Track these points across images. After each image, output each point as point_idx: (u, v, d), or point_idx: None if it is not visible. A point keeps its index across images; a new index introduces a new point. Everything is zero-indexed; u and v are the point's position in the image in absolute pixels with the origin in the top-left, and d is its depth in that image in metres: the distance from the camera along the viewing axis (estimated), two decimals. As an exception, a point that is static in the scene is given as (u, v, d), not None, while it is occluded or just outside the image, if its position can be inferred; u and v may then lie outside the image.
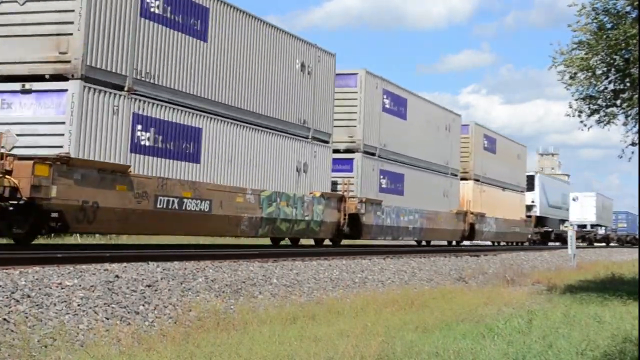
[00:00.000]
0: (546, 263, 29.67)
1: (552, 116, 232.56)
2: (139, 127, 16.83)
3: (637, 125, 15.45)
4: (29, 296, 9.11)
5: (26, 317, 8.54)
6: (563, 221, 62.79)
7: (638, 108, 15.11)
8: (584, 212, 69.78)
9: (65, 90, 15.18)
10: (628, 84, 15.06)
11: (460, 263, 23.43)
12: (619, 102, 15.45)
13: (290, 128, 22.99)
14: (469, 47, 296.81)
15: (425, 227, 32.63)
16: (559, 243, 58.88)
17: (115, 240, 27.59)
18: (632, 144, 15.69)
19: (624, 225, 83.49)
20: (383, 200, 28.35)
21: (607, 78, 15.26)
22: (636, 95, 14.92)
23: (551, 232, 58.30)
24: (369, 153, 27.63)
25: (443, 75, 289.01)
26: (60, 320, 8.75)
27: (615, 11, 14.56)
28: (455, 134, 36.98)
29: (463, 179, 38.49)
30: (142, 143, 16.93)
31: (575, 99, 15.60)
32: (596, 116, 15.65)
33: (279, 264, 15.69)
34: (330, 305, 11.85)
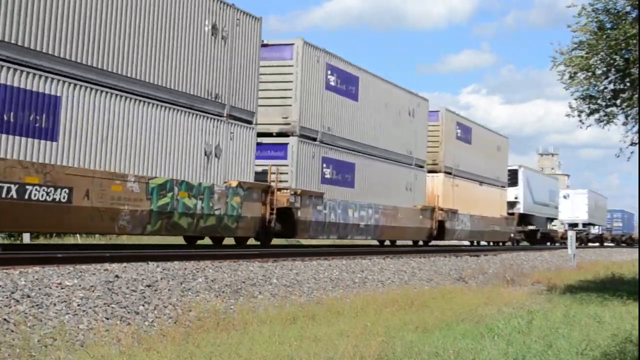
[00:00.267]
0: (546, 263, 29.69)
1: (552, 116, 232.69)
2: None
3: (637, 125, 15.47)
4: (29, 296, 9.11)
5: (26, 317, 8.54)
6: (551, 220, 59.52)
7: (638, 108, 15.12)
8: (575, 211, 66.61)
9: None
10: (628, 84, 15.07)
11: (460, 263, 23.44)
12: (618, 102, 15.46)
13: (195, 103, 18.76)
14: (469, 47, 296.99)
15: (382, 225, 28.47)
16: (549, 243, 56.54)
17: (115, 240, 27.60)
18: (632, 143, 15.71)
19: (620, 224, 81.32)
20: (326, 192, 24.38)
21: (607, 78, 15.27)
22: (636, 95, 14.92)
23: (537, 232, 53.99)
24: (307, 137, 23.64)
25: (443, 76, 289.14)
26: (60, 320, 8.75)
27: (615, 11, 14.56)
28: (420, 120, 32.75)
29: (432, 171, 34.56)
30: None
31: (574, 98, 15.63)
32: (596, 116, 15.68)
33: (278, 264, 15.70)
34: (330, 305, 11.85)
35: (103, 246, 21.39)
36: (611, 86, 15.39)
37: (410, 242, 34.67)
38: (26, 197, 13.97)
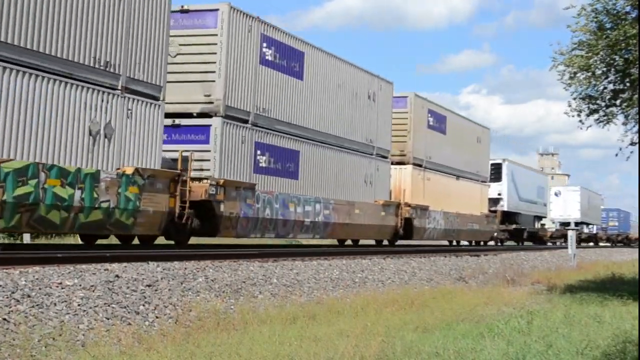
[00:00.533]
0: (546, 263, 29.72)
1: (553, 116, 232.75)
2: None
3: (637, 125, 15.48)
4: (29, 296, 9.12)
5: (26, 317, 8.54)
6: (539, 218, 56.38)
7: (638, 108, 15.13)
8: (567, 209, 62.94)
9: None
10: (628, 84, 15.08)
11: (460, 263, 23.47)
12: (618, 102, 15.47)
13: (76, 70, 15.13)
14: (469, 47, 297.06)
15: (334, 222, 24.77)
16: (537, 242, 54.10)
17: (115, 240, 27.58)
18: (632, 143, 15.72)
19: (615, 223, 78.43)
20: (259, 184, 21.03)
21: (607, 78, 15.28)
22: (636, 95, 14.93)
23: (523, 231, 50.52)
24: (235, 119, 20.22)
25: (443, 76, 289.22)
26: (60, 320, 8.76)
27: (615, 11, 14.57)
28: (384, 105, 29.14)
29: (399, 163, 31.26)
30: None
31: (574, 98, 15.65)
32: (595, 116, 15.69)
33: (279, 263, 15.71)
34: (330, 305, 11.86)
35: (103, 246, 21.39)
36: (611, 86, 15.41)
37: (374, 242, 31.65)
38: None
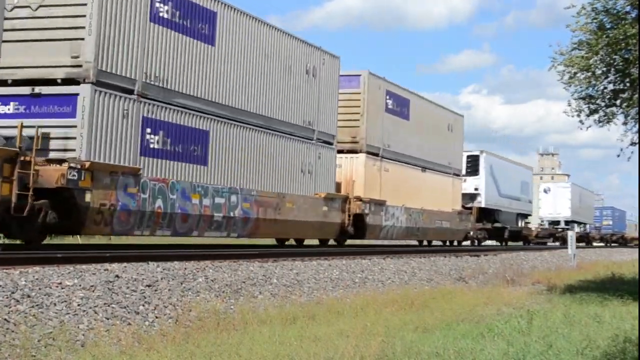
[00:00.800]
0: (546, 263, 29.73)
1: (553, 116, 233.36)
2: None
3: (637, 125, 15.48)
4: (29, 296, 9.11)
5: (26, 317, 8.54)
6: (524, 216, 51.69)
7: (638, 108, 15.13)
8: (557, 206, 59.71)
9: None
10: (628, 84, 15.08)
11: (460, 263, 23.47)
12: (618, 102, 15.47)
13: None
14: (469, 47, 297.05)
15: (257, 218, 20.57)
16: (522, 243, 50.59)
17: (115, 240, 27.59)
18: (632, 143, 15.71)
19: (609, 222, 75.47)
20: (147, 168, 16.94)
21: (607, 78, 15.28)
22: (636, 95, 14.93)
23: (505, 230, 46.07)
24: (113, 87, 16.14)
25: (443, 76, 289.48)
26: (60, 320, 8.76)
27: (615, 11, 14.57)
28: (328, 83, 24.79)
29: (350, 151, 27.17)
30: None
31: (574, 98, 15.64)
32: (595, 116, 15.68)
33: (279, 264, 15.70)
34: (330, 305, 11.86)
35: (103, 246, 21.38)
36: (611, 86, 15.40)
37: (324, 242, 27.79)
38: None
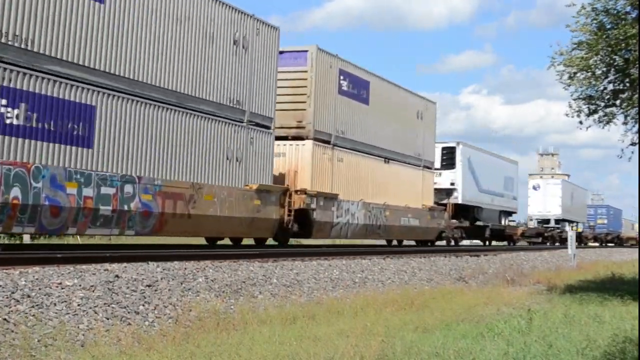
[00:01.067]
0: (546, 263, 29.73)
1: (553, 116, 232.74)
2: None
3: (637, 125, 15.48)
4: (29, 296, 9.12)
5: (26, 317, 8.54)
6: (508, 214, 48.38)
7: (638, 108, 15.12)
8: (546, 204, 56.25)
9: None
10: (628, 84, 15.08)
11: (460, 263, 23.46)
12: (618, 102, 15.46)
13: None
14: (470, 48, 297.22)
15: (161, 213, 17.15)
16: (507, 243, 48.05)
17: (115, 240, 27.60)
18: (632, 143, 15.71)
19: (604, 221, 72.53)
20: (4, 149, 13.61)
21: (607, 78, 15.28)
22: (636, 95, 14.93)
23: (485, 228, 42.69)
24: None
25: (444, 76, 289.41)
26: (60, 320, 8.76)
27: (615, 11, 14.57)
28: (263, 57, 21.54)
29: (296, 137, 23.98)
30: None
31: (574, 98, 15.64)
32: (595, 116, 15.68)
33: (279, 264, 15.70)
34: (330, 305, 11.86)
35: (103, 246, 21.38)
36: (611, 86, 15.40)
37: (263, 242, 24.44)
38: None
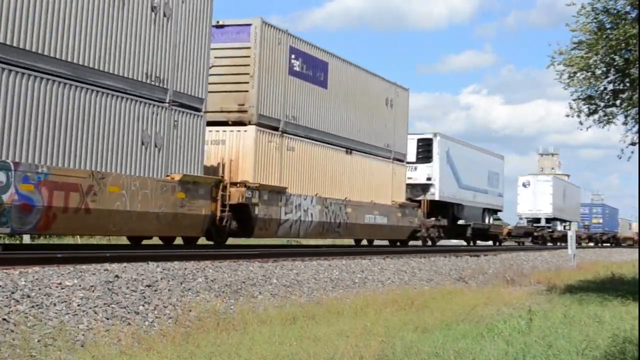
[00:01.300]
0: (546, 263, 29.74)
1: (553, 116, 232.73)
2: None
3: (637, 125, 15.47)
4: (29, 296, 9.11)
5: (26, 317, 8.54)
6: (493, 212, 45.80)
7: (638, 108, 15.12)
8: (537, 202, 54.16)
9: None
10: (628, 84, 15.07)
11: (460, 263, 23.46)
12: (618, 102, 15.46)
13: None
14: (470, 48, 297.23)
15: (48, 206, 14.08)
16: (492, 243, 45.79)
17: (115, 240, 27.60)
18: (632, 143, 15.71)
19: (599, 221, 70.41)
20: None
21: (607, 78, 15.27)
22: (636, 95, 14.92)
23: (467, 227, 40.01)
24: None
25: (444, 76, 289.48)
26: (60, 320, 8.75)
27: (615, 11, 14.56)
28: (191, 27, 18.49)
29: (237, 123, 21.04)
30: None
31: (573, 98, 15.64)
32: (595, 116, 15.67)
33: (279, 264, 15.70)
34: (330, 306, 11.85)
35: (103, 246, 21.38)
36: (611, 86, 15.40)
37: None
38: None
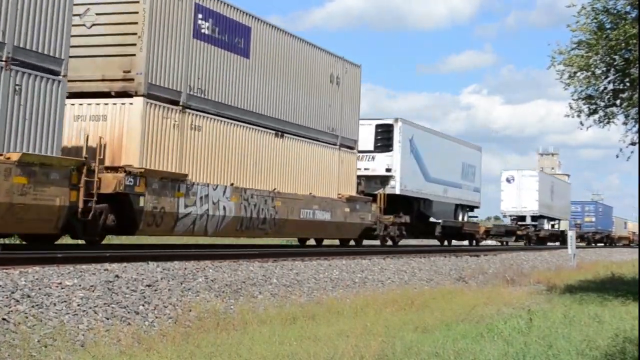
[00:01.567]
0: (546, 263, 29.72)
1: (553, 116, 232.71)
2: None
3: (637, 125, 15.47)
4: (29, 296, 9.11)
5: (26, 317, 8.53)
6: (469, 208, 41.22)
7: (638, 108, 15.11)
8: (522, 199, 50.76)
9: None
10: (628, 84, 15.07)
11: (460, 263, 23.45)
12: (618, 102, 15.45)
13: None
14: (470, 48, 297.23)
15: None
16: (469, 242, 42.06)
17: (115, 240, 27.57)
18: (632, 143, 15.70)
19: (592, 219, 67.68)
20: None
21: (607, 78, 15.27)
22: (636, 95, 14.92)
23: (436, 225, 35.39)
24: None
25: (444, 76, 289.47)
26: (60, 320, 8.75)
27: (615, 11, 14.56)
28: None
29: (121, 94, 16.96)
30: None
31: (574, 98, 15.63)
32: (595, 116, 15.67)
33: (279, 264, 15.69)
34: (330, 305, 11.85)
35: (103, 246, 21.36)
36: (611, 86, 15.39)
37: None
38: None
